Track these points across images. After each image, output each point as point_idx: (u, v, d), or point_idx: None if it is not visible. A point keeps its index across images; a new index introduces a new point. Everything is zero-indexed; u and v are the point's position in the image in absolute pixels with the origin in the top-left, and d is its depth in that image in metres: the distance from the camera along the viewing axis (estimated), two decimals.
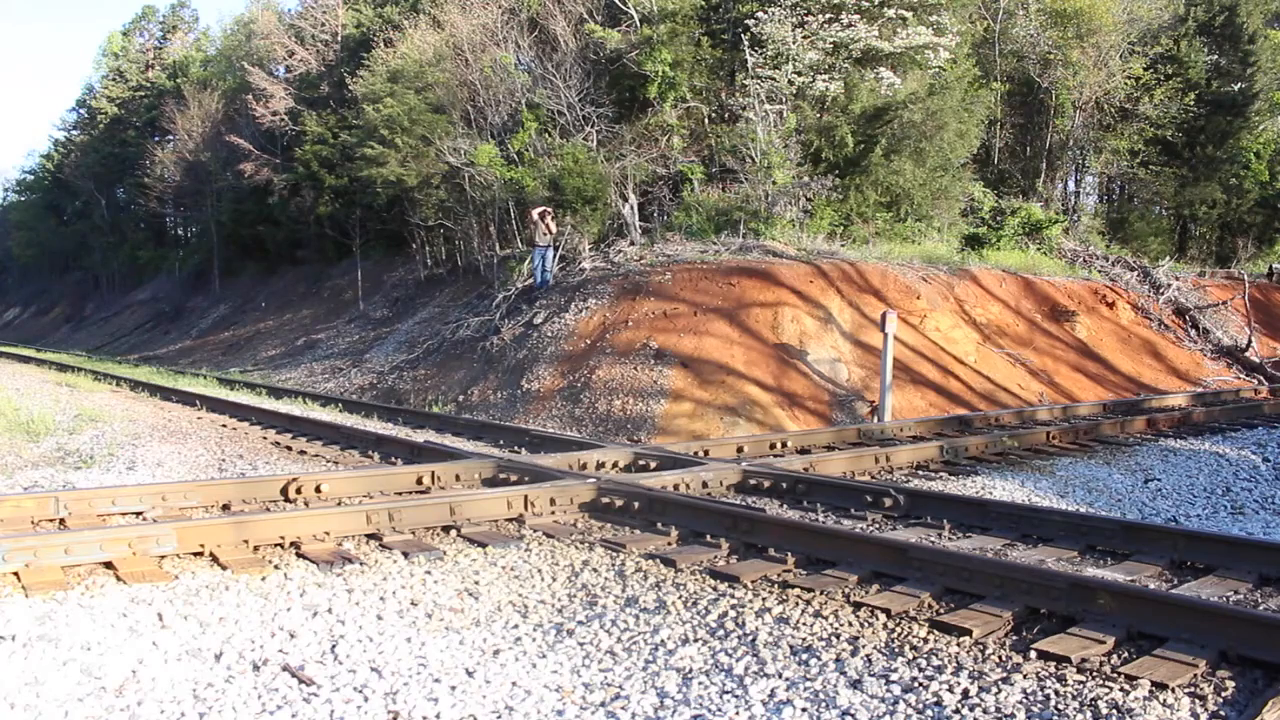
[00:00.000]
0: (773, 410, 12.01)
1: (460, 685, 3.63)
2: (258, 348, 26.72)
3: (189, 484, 6.75)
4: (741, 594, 4.68)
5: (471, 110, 20.66)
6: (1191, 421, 11.23)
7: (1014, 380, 14.43)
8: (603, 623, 4.29)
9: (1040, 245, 20.35)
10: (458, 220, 21.65)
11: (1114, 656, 3.78)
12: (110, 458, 8.72)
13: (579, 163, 17.84)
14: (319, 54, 30.70)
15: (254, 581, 4.80)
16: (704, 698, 3.51)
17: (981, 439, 9.14)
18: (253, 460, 8.83)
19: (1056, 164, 25.34)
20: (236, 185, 32.52)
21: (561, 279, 16.44)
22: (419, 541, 5.63)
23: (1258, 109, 25.37)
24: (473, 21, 21.13)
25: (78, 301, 52.68)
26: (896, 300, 14.35)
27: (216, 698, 3.48)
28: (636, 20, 18.80)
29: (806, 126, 17.83)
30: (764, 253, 15.41)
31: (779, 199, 17.01)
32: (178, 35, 51.37)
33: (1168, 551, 5.29)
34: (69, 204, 51.86)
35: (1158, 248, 24.79)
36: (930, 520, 6.14)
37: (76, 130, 53.49)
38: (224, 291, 36.44)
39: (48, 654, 3.78)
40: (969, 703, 3.39)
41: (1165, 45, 24.52)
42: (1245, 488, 8.69)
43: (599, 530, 6.06)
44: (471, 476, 7.40)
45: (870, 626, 4.19)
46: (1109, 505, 7.87)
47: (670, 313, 13.61)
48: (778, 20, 17.71)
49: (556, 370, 13.52)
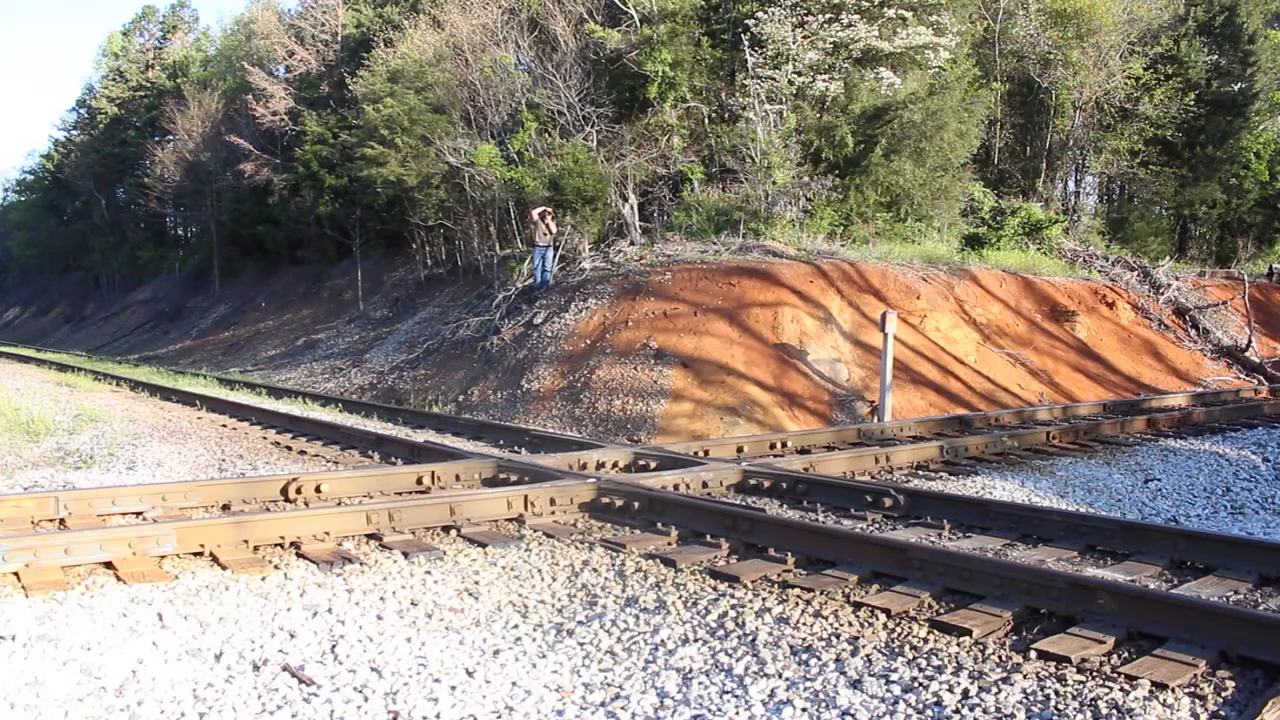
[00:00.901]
0: (773, 410, 12.01)
1: (460, 685, 3.63)
2: (258, 348, 26.72)
3: (189, 484, 6.75)
4: (741, 594, 4.68)
5: (471, 110, 20.66)
6: (1191, 421, 11.22)
7: (1014, 380, 14.43)
8: (603, 623, 4.29)
9: (1040, 245, 20.34)
10: (458, 220, 21.66)
11: (1114, 656, 3.78)
12: (110, 458, 8.72)
13: (579, 163, 17.84)
14: (319, 54, 30.71)
15: (254, 581, 4.80)
16: (704, 698, 3.51)
17: (981, 439, 9.14)
18: (253, 460, 8.83)
19: (1056, 164, 25.34)
20: (236, 185, 32.52)
21: (561, 279, 16.43)
22: (419, 541, 5.63)
23: (1258, 109, 25.36)
24: (473, 21, 21.13)
25: (78, 301, 52.69)
26: (896, 300, 14.35)
27: (216, 698, 3.48)
28: (636, 20, 18.80)
29: (806, 126, 17.83)
30: (764, 253, 15.40)
31: (779, 199, 17.01)
32: (178, 35, 51.36)
33: (1168, 551, 5.29)
34: (69, 204, 51.84)
35: (1158, 248, 24.77)
36: (930, 520, 6.14)
37: (76, 130, 53.48)
38: (224, 291, 36.43)
39: (48, 654, 3.78)
40: (969, 703, 3.39)
41: (1165, 45, 24.51)
42: (1245, 488, 8.69)
43: (599, 530, 6.06)
44: (471, 476, 7.40)
45: (870, 626, 4.19)
46: (1109, 505, 7.87)
47: (670, 313, 13.61)
48: (778, 20, 17.71)
49: (556, 370, 13.52)
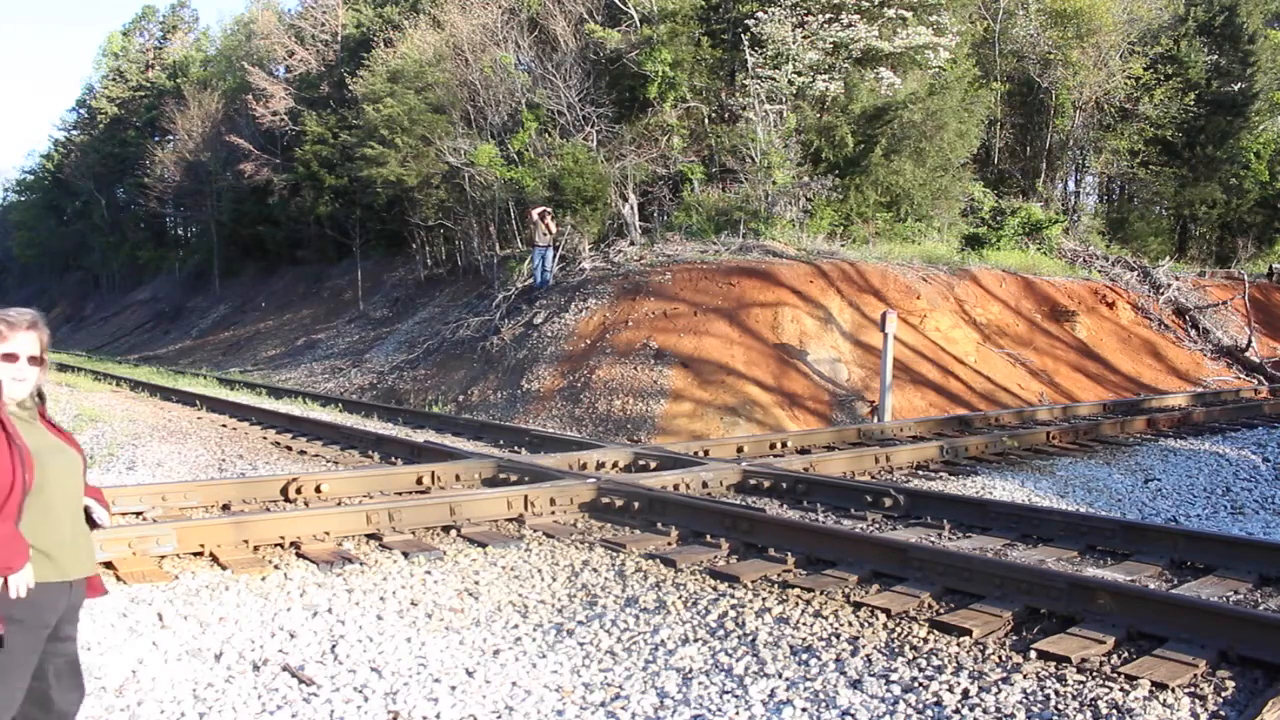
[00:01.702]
0: (773, 410, 12.00)
1: (460, 685, 3.63)
2: (258, 348, 26.71)
3: (189, 484, 6.75)
4: (741, 594, 4.68)
5: (471, 110, 20.66)
6: (1191, 421, 11.22)
7: (1014, 380, 14.42)
8: (603, 623, 4.28)
9: (1040, 245, 20.33)
10: (458, 220, 21.65)
11: (1114, 656, 3.78)
12: (110, 458, 8.72)
13: (579, 163, 17.83)
14: (319, 54, 30.70)
15: (254, 581, 4.80)
16: (704, 698, 3.50)
17: (981, 439, 9.14)
18: (253, 460, 8.83)
19: (1056, 164, 25.33)
20: (236, 185, 32.52)
21: (561, 279, 16.43)
22: (419, 541, 5.62)
23: (1258, 109, 25.36)
24: (473, 21, 21.13)
25: (78, 301, 52.70)
26: (896, 300, 14.34)
27: (216, 698, 3.48)
28: (636, 20, 18.80)
29: (806, 126, 17.82)
30: (764, 253, 15.40)
31: (779, 199, 17.00)
32: (178, 35, 51.36)
33: (1168, 551, 5.29)
34: (69, 204, 51.86)
35: (1158, 248, 24.77)
36: (930, 520, 6.14)
37: (76, 130, 53.49)
38: (224, 291, 36.43)
39: None
40: (969, 703, 3.39)
41: (1165, 45, 24.51)
42: (1245, 488, 8.68)
43: (599, 530, 6.06)
44: (471, 476, 7.40)
45: (870, 626, 4.19)
46: (1109, 505, 7.86)
47: (670, 313, 13.61)
48: (778, 20, 17.70)
49: (556, 370, 13.52)
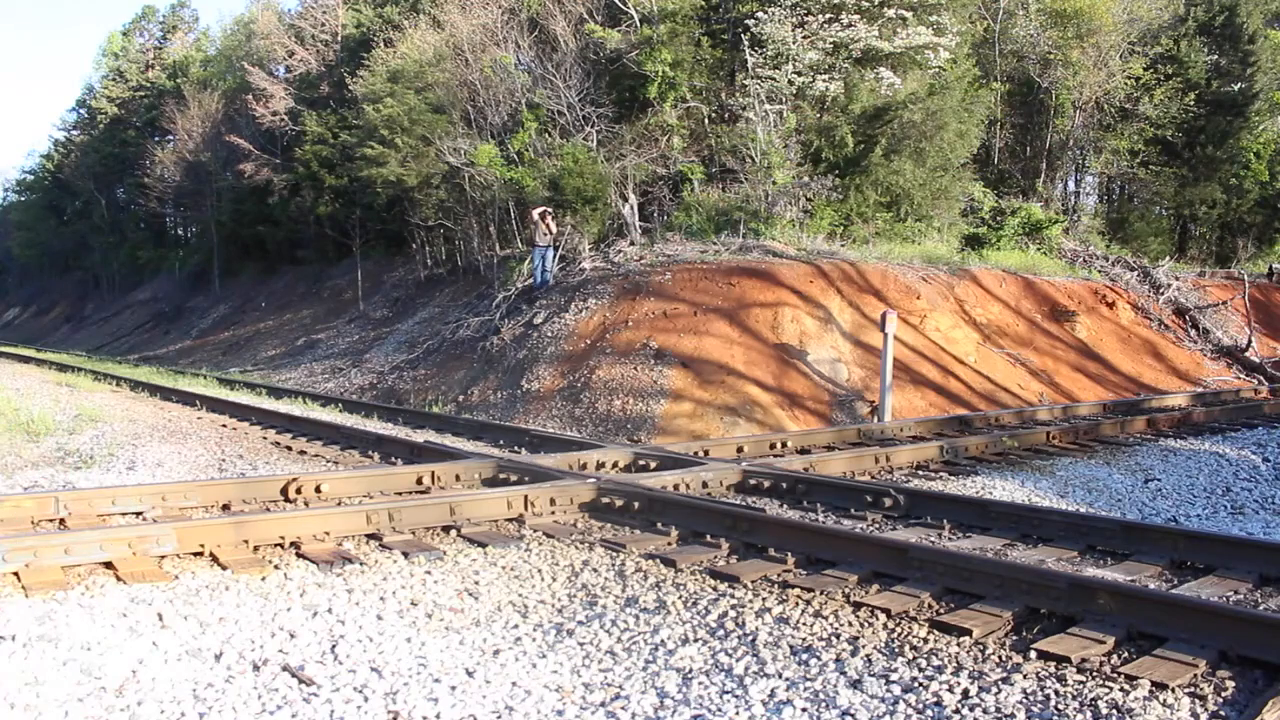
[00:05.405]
0: (773, 410, 12.00)
1: (460, 685, 3.63)
2: (258, 348, 26.72)
3: (189, 484, 6.75)
4: (741, 594, 4.68)
5: (471, 110, 20.66)
6: (1191, 421, 11.22)
7: (1014, 380, 14.42)
8: (603, 623, 4.28)
9: (1040, 245, 20.33)
10: (458, 220, 21.65)
11: (1114, 656, 3.78)
12: (110, 458, 8.72)
13: (579, 163, 17.83)
14: (319, 54, 30.71)
15: (254, 581, 4.80)
16: (704, 698, 3.50)
17: (981, 439, 9.14)
18: (253, 460, 8.83)
19: (1056, 164, 25.32)
20: (236, 185, 32.53)
21: (561, 279, 16.43)
22: (419, 541, 5.62)
23: (1258, 109, 25.35)
24: (473, 21, 21.13)
25: (78, 301, 52.67)
26: (896, 300, 14.34)
27: (216, 698, 3.48)
28: (636, 20, 18.80)
29: (806, 126, 17.82)
30: (764, 253, 15.40)
31: (779, 199, 17.00)
32: (178, 35, 51.35)
33: (1168, 551, 5.29)
34: (69, 204, 51.84)
35: (1158, 248, 24.76)
36: (930, 520, 6.14)
37: (76, 130, 53.49)
38: (224, 291, 36.43)
39: (48, 654, 3.78)
40: (969, 703, 3.39)
41: (1165, 45, 24.50)
42: (1245, 488, 8.68)
43: (599, 530, 6.06)
44: (471, 476, 7.40)
45: (870, 626, 4.19)
46: (1109, 505, 7.86)
47: (670, 313, 13.61)
48: (778, 20, 17.70)
49: (556, 370, 13.52)
